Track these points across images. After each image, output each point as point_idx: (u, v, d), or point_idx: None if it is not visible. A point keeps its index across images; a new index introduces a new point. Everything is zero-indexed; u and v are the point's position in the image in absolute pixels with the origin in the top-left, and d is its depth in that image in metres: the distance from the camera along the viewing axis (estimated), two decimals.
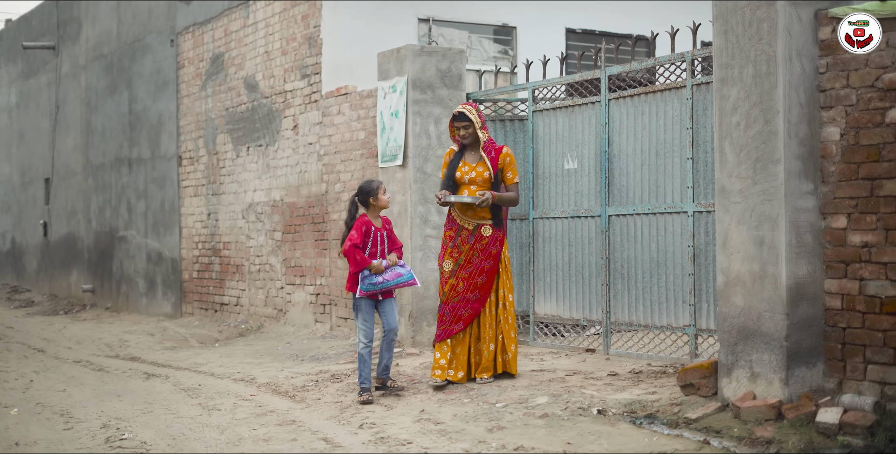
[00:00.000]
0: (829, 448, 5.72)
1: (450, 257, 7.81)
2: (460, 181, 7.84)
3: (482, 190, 7.75)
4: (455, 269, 7.78)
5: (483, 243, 7.75)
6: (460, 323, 7.72)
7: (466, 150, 7.90)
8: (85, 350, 12.37)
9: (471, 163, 7.85)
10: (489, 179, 7.78)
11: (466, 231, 7.78)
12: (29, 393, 8.87)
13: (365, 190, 7.72)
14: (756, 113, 6.36)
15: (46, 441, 6.75)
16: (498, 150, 7.84)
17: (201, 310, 14.59)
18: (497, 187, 7.80)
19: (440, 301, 7.87)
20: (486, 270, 7.74)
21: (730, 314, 6.53)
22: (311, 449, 6.15)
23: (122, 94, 17.19)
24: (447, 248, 7.84)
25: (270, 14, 12.77)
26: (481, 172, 7.78)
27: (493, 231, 7.78)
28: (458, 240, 7.80)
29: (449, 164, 7.91)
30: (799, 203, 6.23)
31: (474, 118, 7.75)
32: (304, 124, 12.06)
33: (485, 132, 7.80)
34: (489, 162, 7.78)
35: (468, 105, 7.84)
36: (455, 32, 12.61)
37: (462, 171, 7.84)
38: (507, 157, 7.83)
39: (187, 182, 15.10)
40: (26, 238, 22.31)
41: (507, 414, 6.82)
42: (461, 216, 7.79)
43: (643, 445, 5.94)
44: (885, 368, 5.97)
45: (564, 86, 9.53)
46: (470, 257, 7.75)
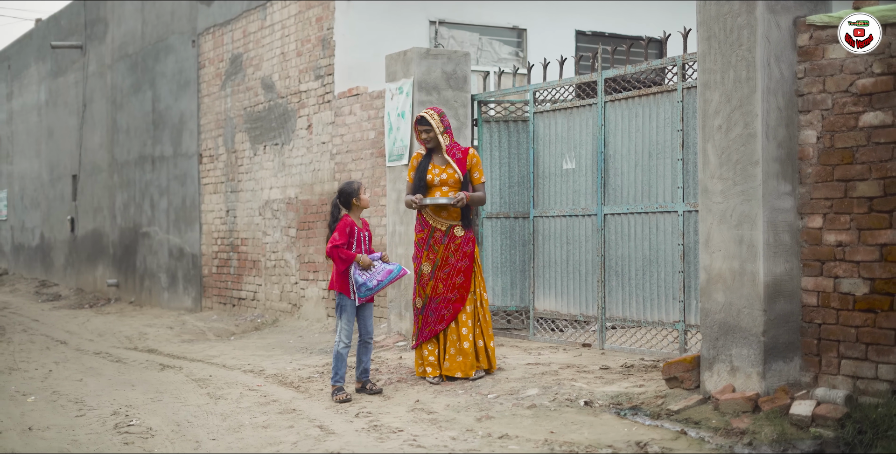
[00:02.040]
0: (801, 439, 5.96)
1: (427, 260, 7.95)
2: (431, 183, 7.97)
3: (453, 190, 7.93)
4: (433, 271, 7.91)
5: (457, 243, 7.90)
6: (443, 323, 7.86)
7: (434, 153, 8.05)
8: (105, 342, 12.73)
9: (440, 165, 8.00)
10: (459, 180, 7.93)
11: (440, 232, 7.92)
12: (47, 382, 9.22)
13: (346, 191, 7.78)
14: (737, 116, 6.60)
15: (58, 426, 7.08)
16: (464, 151, 8.01)
17: (220, 305, 14.94)
18: (467, 188, 7.97)
19: (419, 304, 7.99)
20: (463, 270, 7.89)
21: (711, 310, 6.77)
22: (305, 435, 6.46)
23: (146, 93, 17.59)
24: (422, 251, 7.98)
25: (286, 16, 13.09)
26: (451, 174, 7.93)
27: (465, 231, 7.94)
28: (431, 242, 7.93)
29: (418, 167, 8.05)
30: (777, 203, 6.47)
31: (435, 123, 7.93)
32: (317, 124, 12.38)
33: (447, 136, 7.97)
34: (456, 164, 7.93)
35: (432, 109, 8.01)
36: (466, 34, 12.88)
37: (433, 173, 7.97)
38: (473, 158, 7.99)
39: (207, 179, 15.47)
40: (54, 233, 22.77)
41: (498, 404, 7.10)
42: (434, 217, 7.94)
43: (622, 434, 6.20)
44: (857, 363, 6.20)
45: (574, 87, 9.77)
46: (446, 258, 7.89)
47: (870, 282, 6.13)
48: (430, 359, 7.93)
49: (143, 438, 6.63)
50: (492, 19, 13.04)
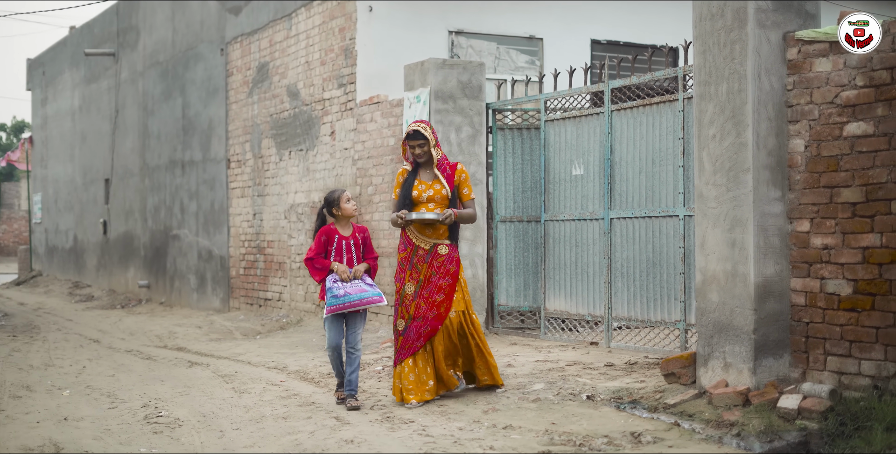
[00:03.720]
0: (787, 431, 6.34)
1: (410, 279, 7.64)
2: (417, 200, 7.66)
3: (440, 207, 7.64)
4: (417, 290, 7.61)
5: (440, 261, 7.60)
6: (421, 340, 7.55)
7: (420, 169, 7.76)
8: (136, 341, 13.22)
9: (426, 181, 7.71)
10: (447, 197, 7.67)
11: (423, 251, 7.63)
12: (81, 377, 9.70)
13: (328, 200, 7.72)
14: (729, 126, 6.99)
15: (92, 417, 7.54)
16: (453, 166, 7.76)
17: (247, 305, 15.42)
18: (455, 204, 7.71)
19: (401, 326, 7.64)
20: (445, 288, 7.59)
21: (706, 309, 7.16)
22: (322, 425, 6.89)
23: (177, 100, 18.12)
24: (406, 271, 7.67)
25: (311, 26, 13.56)
26: (439, 190, 7.66)
27: (450, 249, 7.66)
28: (414, 260, 7.65)
29: (403, 183, 7.75)
30: (767, 208, 6.85)
31: (429, 135, 7.64)
32: (340, 130, 12.83)
33: (438, 150, 7.71)
34: (444, 180, 7.67)
35: (422, 122, 7.72)
36: (484, 44, 13.30)
37: (419, 189, 7.67)
38: (462, 174, 7.74)
39: (235, 184, 15.96)
40: (87, 236, 23.36)
41: (504, 398, 7.52)
42: (418, 236, 7.66)
43: (619, 426, 6.60)
44: (841, 359, 6.57)
45: (588, 95, 10.18)
46: (429, 276, 7.60)
47: (853, 283, 6.50)
48: (409, 378, 7.56)
49: (171, 428, 7.08)
50: (509, 29, 13.45)
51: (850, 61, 6.57)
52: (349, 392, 7.63)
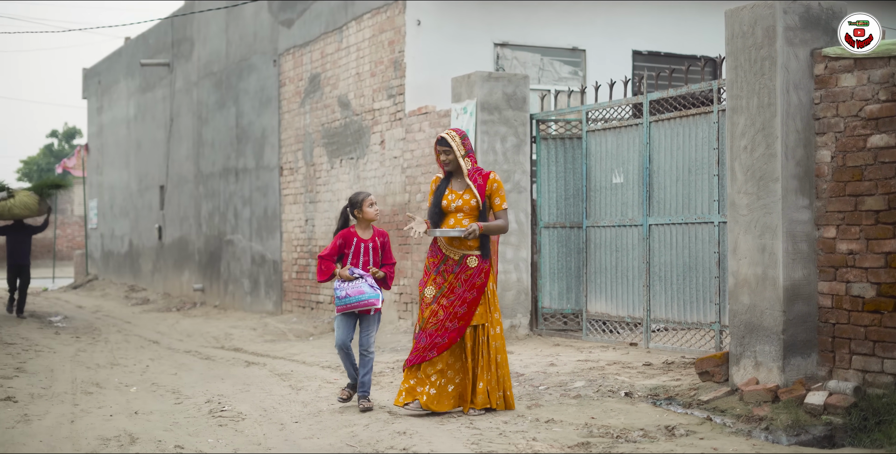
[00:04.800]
0: (813, 425, 6.74)
1: (433, 283, 7.54)
2: (447, 209, 7.56)
3: (468, 218, 7.52)
4: (437, 296, 7.50)
5: (468, 274, 7.47)
6: (434, 350, 7.42)
7: (453, 177, 7.65)
8: (194, 342, 13.78)
9: (457, 190, 7.58)
10: (476, 207, 7.52)
11: (452, 261, 7.52)
12: (145, 375, 10.25)
13: (352, 202, 7.79)
14: (760, 138, 7.39)
15: (160, 411, 8.07)
16: (485, 176, 7.59)
17: (299, 308, 15.96)
18: (485, 215, 7.56)
19: (418, 327, 7.60)
20: (469, 301, 7.45)
21: (738, 311, 7.57)
22: (376, 419, 7.35)
23: (230, 109, 18.72)
24: (430, 275, 7.58)
25: (361, 39, 14.08)
26: (468, 200, 7.52)
27: (480, 262, 7.50)
28: (441, 268, 7.54)
29: (435, 191, 7.67)
30: (795, 215, 7.24)
31: (456, 145, 7.53)
32: (389, 140, 13.33)
33: (468, 160, 7.58)
34: (476, 189, 7.51)
35: (453, 131, 7.62)
36: (528, 55, 13.75)
37: (448, 199, 7.57)
38: (494, 183, 7.57)
39: (287, 190, 16.51)
40: (142, 241, 24.03)
41: (547, 394, 7.97)
42: (447, 246, 7.56)
43: (654, 420, 7.03)
44: (865, 358, 6.96)
45: (630, 106, 10.60)
46: (454, 286, 7.47)
47: (876, 286, 6.89)
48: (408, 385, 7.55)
49: (235, 421, 7.59)
50: (552, 41, 13.88)
51: (874, 77, 6.95)
52: (362, 393, 7.76)
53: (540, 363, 9.35)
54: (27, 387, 9.19)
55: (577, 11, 13.92)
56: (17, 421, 7.58)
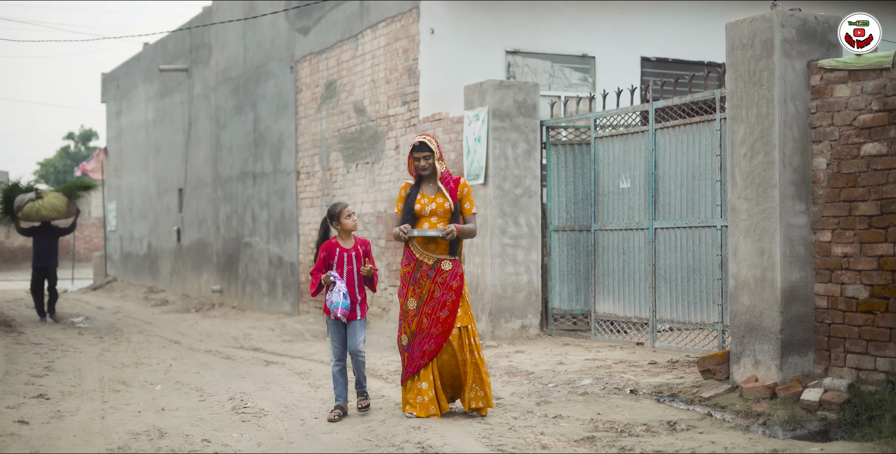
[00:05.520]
0: (809, 420, 7.08)
1: (413, 295, 7.66)
2: (420, 213, 7.68)
3: (442, 221, 7.66)
4: (419, 306, 7.64)
5: (443, 277, 7.61)
6: (425, 358, 7.60)
7: (423, 182, 7.78)
8: (214, 342, 14.16)
9: (429, 194, 7.71)
10: (450, 210, 7.67)
11: (426, 266, 7.64)
12: (169, 374, 10.62)
13: (330, 213, 7.90)
14: (758, 146, 7.73)
15: (185, 408, 8.45)
16: (455, 181, 7.75)
17: (316, 309, 16.33)
18: (457, 218, 7.70)
19: (404, 341, 7.71)
20: (448, 304, 7.59)
21: (738, 312, 7.91)
22: (392, 415, 7.71)
23: (248, 114, 19.12)
24: (409, 286, 7.69)
25: (376, 47, 14.45)
26: (441, 203, 7.66)
27: (454, 265, 7.66)
28: (417, 275, 7.66)
29: (406, 197, 7.77)
30: (792, 220, 7.58)
31: (434, 148, 7.66)
32: (404, 145, 13.69)
33: (442, 163, 7.75)
34: (448, 193, 7.67)
35: (428, 135, 7.75)
36: (539, 62, 14.09)
37: (421, 203, 7.68)
38: (464, 188, 7.75)
39: (304, 194, 16.90)
40: (161, 243, 24.45)
41: (556, 391, 8.32)
42: (422, 251, 7.67)
43: (657, 415, 7.38)
44: (859, 357, 7.30)
45: (638, 113, 10.96)
46: (432, 292, 7.61)
47: (869, 287, 7.22)
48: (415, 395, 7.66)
49: (257, 417, 7.96)
50: (562, 48, 14.23)
51: (867, 88, 7.29)
52: (360, 390, 8.00)
53: (549, 362, 9.70)
54: (57, 385, 9.58)
55: (587, 19, 14.27)
56: (51, 416, 7.96)
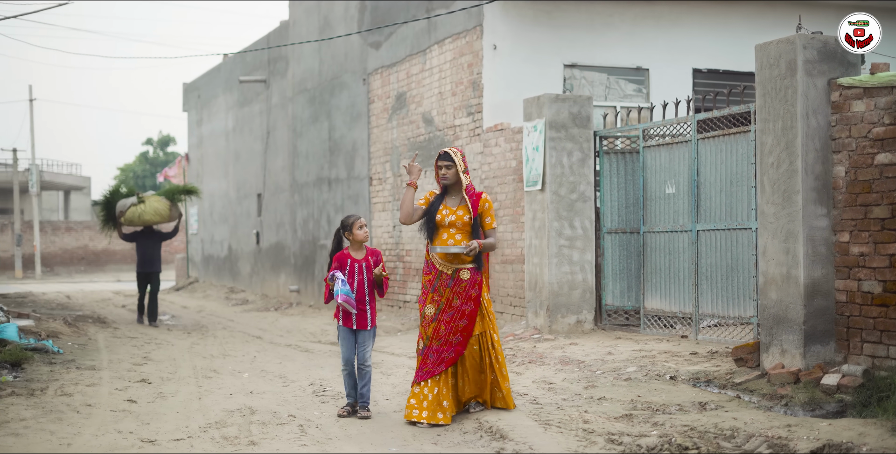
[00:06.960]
0: (827, 402, 7.90)
1: (431, 302, 7.92)
2: (440, 224, 7.94)
3: (460, 233, 7.92)
4: (437, 313, 7.88)
5: (462, 287, 7.87)
6: (443, 365, 7.84)
7: (447, 194, 8.05)
8: (293, 337, 15.22)
9: (451, 206, 7.98)
10: (469, 223, 7.92)
11: (446, 275, 7.91)
12: (254, 364, 11.68)
13: (343, 225, 8.12)
14: (784, 156, 8.57)
15: (271, 392, 9.49)
16: (478, 195, 8.00)
17: (388, 307, 17.36)
18: (476, 231, 7.95)
19: (420, 345, 7.99)
20: (468, 313, 7.86)
21: (767, 306, 8.75)
22: None
23: (323, 124, 20.23)
24: (428, 293, 7.96)
25: (443, 61, 15.44)
26: (461, 216, 7.91)
27: (472, 274, 7.90)
28: (437, 284, 7.93)
29: (429, 206, 8.04)
30: (814, 223, 8.41)
31: (458, 161, 7.94)
32: (468, 154, 14.66)
33: (467, 176, 7.99)
34: (470, 205, 7.93)
35: (455, 148, 8.01)
36: (595, 75, 14.97)
37: (442, 214, 7.94)
38: (486, 203, 7.98)
39: (376, 199, 17.94)
40: (241, 245, 25.65)
41: (602, 378, 9.23)
42: (440, 262, 7.95)
43: (691, 398, 8.26)
44: (874, 345, 8.11)
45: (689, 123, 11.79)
46: (451, 301, 7.85)
47: (882, 283, 8.03)
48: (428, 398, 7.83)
49: (335, 399, 8.97)
50: (617, 61, 15.08)
51: (880, 103, 8.10)
52: (362, 403, 8.20)
53: (599, 352, 10.59)
54: (156, 372, 10.68)
55: (641, 33, 15.11)
56: (154, 397, 9.05)
